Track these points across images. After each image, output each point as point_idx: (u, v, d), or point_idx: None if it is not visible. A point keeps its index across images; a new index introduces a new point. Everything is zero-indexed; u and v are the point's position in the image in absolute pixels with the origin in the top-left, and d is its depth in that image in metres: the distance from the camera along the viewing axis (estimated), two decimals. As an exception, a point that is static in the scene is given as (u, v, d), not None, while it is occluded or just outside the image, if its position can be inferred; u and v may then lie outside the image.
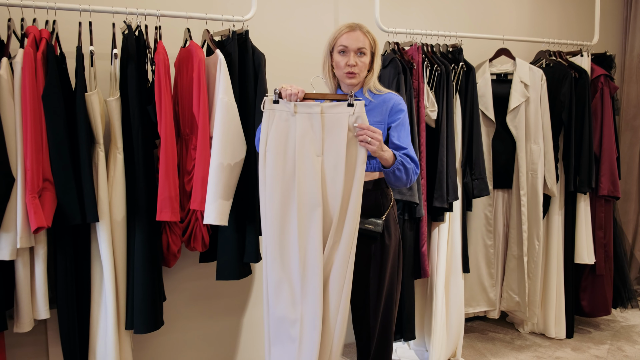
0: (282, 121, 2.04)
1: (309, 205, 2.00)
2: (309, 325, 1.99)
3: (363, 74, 2.19)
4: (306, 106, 2.01)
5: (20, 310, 2.30)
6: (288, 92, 2.02)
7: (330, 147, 1.99)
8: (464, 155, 3.13)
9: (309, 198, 1.99)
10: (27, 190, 2.15)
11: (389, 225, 2.21)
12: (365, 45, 2.15)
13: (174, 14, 2.58)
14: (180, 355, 3.06)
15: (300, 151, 2.00)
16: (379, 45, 2.22)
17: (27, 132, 2.16)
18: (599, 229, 3.56)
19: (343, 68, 2.15)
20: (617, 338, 3.58)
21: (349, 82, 2.18)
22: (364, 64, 2.17)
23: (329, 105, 2.00)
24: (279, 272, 2.05)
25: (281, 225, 2.04)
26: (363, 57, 2.16)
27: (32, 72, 2.17)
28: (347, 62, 2.13)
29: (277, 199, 2.03)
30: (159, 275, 2.54)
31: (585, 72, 3.42)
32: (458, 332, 3.21)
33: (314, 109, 2.00)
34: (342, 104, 1.99)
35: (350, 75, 2.15)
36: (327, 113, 2.00)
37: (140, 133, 2.39)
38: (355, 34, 2.15)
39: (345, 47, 2.14)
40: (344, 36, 2.16)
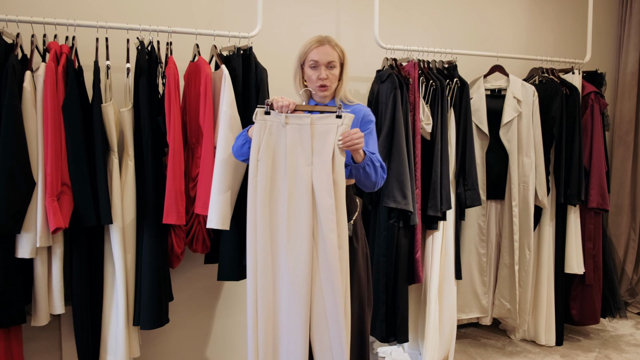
0: (274, 132, 2.15)
1: (298, 213, 2.09)
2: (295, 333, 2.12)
3: (334, 86, 2.33)
4: (297, 117, 2.13)
5: (37, 305, 2.47)
6: (279, 104, 2.14)
7: (319, 157, 2.08)
8: (457, 167, 3.28)
9: (299, 206, 2.09)
10: (46, 194, 2.33)
11: (356, 229, 2.34)
12: (335, 59, 2.29)
13: (184, 30, 2.76)
14: (185, 352, 3.22)
15: (290, 161, 2.11)
16: (347, 57, 2.35)
17: (47, 140, 2.34)
18: (588, 240, 3.69)
19: (315, 82, 2.29)
20: (606, 346, 3.71)
21: (321, 94, 2.31)
22: (335, 76, 2.30)
23: (318, 117, 2.12)
24: (268, 281, 2.14)
25: (270, 232, 2.13)
26: (333, 69, 2.29)
27: (53, 85, 2.36)
28: (318, 75, 2.26)
29: (267, 207, 2.13)
30: (166, 274, 2.71)
31: (576, 89, 3.58)
32: (450, 336, 3.35)
33: (304, 120, 2.11)
34: (331, 115, 2.10)
35: (322, 88, 2.29)
36: (316, 124, 2.11)
37: (150, 142, 2.56)
38: (324, 49, 2.27)
39: (315, 61, 2.27)
40: (314, 51, 2.28)
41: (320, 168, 2.08)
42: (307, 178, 2.09)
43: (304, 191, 2.09)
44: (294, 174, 2.11)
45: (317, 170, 2.09)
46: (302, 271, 2.09)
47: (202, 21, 3.11)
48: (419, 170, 3.15)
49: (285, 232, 2.11)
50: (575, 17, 4.32)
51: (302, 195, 2.09)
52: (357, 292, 2.33)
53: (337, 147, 2.08)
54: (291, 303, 2.11)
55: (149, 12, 2.99)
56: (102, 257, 2.59)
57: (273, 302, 2.16)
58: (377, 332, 3.16)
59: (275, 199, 2.14)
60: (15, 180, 2.28)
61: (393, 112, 3.02)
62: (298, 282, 2.10)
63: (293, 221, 2.11)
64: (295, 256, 2.10)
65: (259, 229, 2.14)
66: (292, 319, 2.12)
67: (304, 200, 2.09)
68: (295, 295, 2.11)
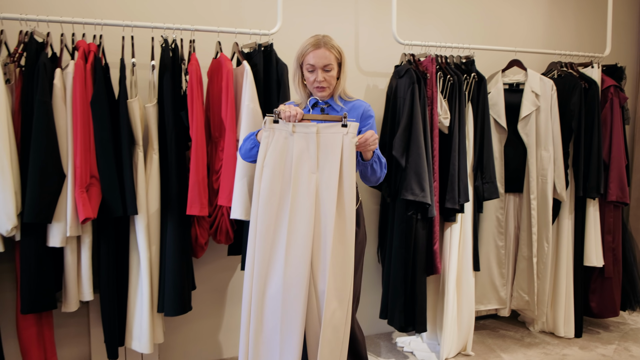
0: (281, 139, 2.20)
1: (300, 220, 2.14)
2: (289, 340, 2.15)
3: (332, 85, 2.40)
4: (303, 126, 2.19)
5: (67, 292, 2.58)
6: (287, 114, 2.19)
7: (325, 165, 2.14)
8: (475, 160, 3.32)
9: (302, 213, 2.14)
10: (76, 185, 2.44)
11: (358, 219, 2.39)
12: (331, 61, 2.34)
13: (206, 28, 2.85)
14: (207, 341, 3.32)
15: (296, 168, 2.16)
16: (344, 56, 2.41)
17: (77, 134, 2.45)
18: (607, 233, 3.70)
19: (312, 84, 2.37)
20: (625, 339, 3.71)
21: (319, 94, 2.40)
22: (332, 77, 2.37)
23: (324, 126, 2.17)
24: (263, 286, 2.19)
25: (272, 237, 2.17)
26: (330, 72, 2.36)
27: (82, 82, 2.46)
28: (315, 78, 2.34)
29: (270, 213, 2.17)
30: (189, 264, 2.80)
31: (595, 83, 3.58)
32: (469, 327, 3.39)
33: (311, 129, 2.17)
34: (336, 124, 2.16)
35: (320, 89, 2.37)
36: (322, 133, 2.17)
37: (174, 136, 2.66)
38: (320, 52, 2.32)
39: (312, 65, 2.33)
40: (310, 55, 2.33)
41: (326, 176, 2.14)
42: (312, 186, 2.14)
43: (307, 198, 2.14)
44: (297, 182, 2.16)
45: (323, 178, 2.14)
46: (299, 275, 2.12)
47: (224, 19, 3.19)
48: (437, 164, 3.20)
49: (286, 238, 2.14)
50: (595, 11, 4.30)
51: (305, 202, 2.14)
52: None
53: (344, 155, 2.13)
54: (285, 308, 2.14)
55: (173, 11, 3.08)
56: (127, 247, 2.70)
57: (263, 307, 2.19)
58: (395, 321, 3.22)
59: (278, 204, 2.18)
60: (46, 172, 2.39)
61: (411, 107, 3.07)
62: (293, 286, 2.13)
63: (294, 227, 2.15)
64: (293, 261, 2.14)
65: (258, 233, 2.18)
66: (286, 326, 2.15)
67: (307, 207, 2.14)
68: (290, 299, 2.13)
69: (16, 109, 2.48)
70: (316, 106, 2.47)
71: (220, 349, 3.36)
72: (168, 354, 3.21)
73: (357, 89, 3.59)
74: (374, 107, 3.47)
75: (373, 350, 3.50)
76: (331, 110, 2.45)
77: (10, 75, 2.48)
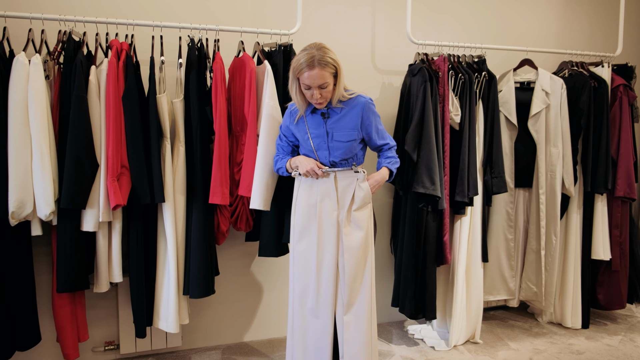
0: (308, 183, 2.62)
1: (327, 247, 2.58)
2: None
3: (329, 97, 2.50)
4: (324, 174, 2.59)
5: (99, 273, 2.79)
6: (310, 174, 2.56)
7: (343, 202, 2.57)
8: (484, 156, 3.46)
9: (328, 242, 2.58)
10: (108, 174, 2.64)
11: None
12: (326, 79, 2.41)
13: (230, 28, 3.02)
14: (230, 324, 3.51)
15: (320, 207, 2.58)
16: (340, 66, 2.47)
17: (109, 127, 2.64)
18: (615, 228, 3.81)
19: (310, 99, 2.48)
20: (632, 331, 3.82)
21: (318, 107, 2.54)
22: (328, 92, 2.47)
23: (340, 172, 2.58)
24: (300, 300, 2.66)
25: (306, 261, 2.62)
26: (326, 88, 2.44)
27: (115, 78, 2.66)
28: (312, 95, 2.45)
29: (304, 241, 2.62)
30: (212, 250, 2.99)
31: (604, 82, 3.69)
32: (477, 316, 3.53)
33: (330, 176, 2.58)
34: (349, 170, 2.59)
35: (318, 104, 2.51)
36: (339, 176, 2.59)
37: (199, 129, 2.84)
38: (314, 73, 2.38)
39: (308, 85, 2.43)
40: (305, 75, 2.41)
41: (344, 211, 2.58)
42: (334, 220, 2.58)
43: (330, 229, 2.58)
44: (322, 217, 2.59)
45: (342, 213, 2.59)
46: (327, 288, 2.59)
47: (247, 19, 3.36)
48: (448, 159, 3.34)
49: (316, 262, 2.59)
50: (608, 11, 4.39)
51: (330, 234, 2.58)
52: None
53: (356, 194, 2.57)
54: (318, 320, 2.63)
55: (199, 11, 3.27)
56: (155, 232, 2.89)
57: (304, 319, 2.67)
58: (406, 309, 3.38)
59: (309, 235, 2.62)
60: (81, 162, 2.59)
61: (423, 104, 3.22)
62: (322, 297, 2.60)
63: (322, 255, 2.60)
64: (322, 282, 2.59)
65: (296, 258, 2.66)
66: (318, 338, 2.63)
67: (332, 238, 2.58)
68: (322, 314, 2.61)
69: (55, 103, 2.68)
70: (316, 111, 2.58)
71: (241, 333, 3.54)
72: (191, 336, 3.41)
73: (373, 87, 3.74)
74: (389, 103, 3.65)
75: (385, 337, 3.66)
76: (332, 112, 2.56)
77: (49, 72, 2.68)
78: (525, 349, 3.48)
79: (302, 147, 2.66)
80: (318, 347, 2.59)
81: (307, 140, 2.60)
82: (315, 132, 2.57)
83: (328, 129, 2.55)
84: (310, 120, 2.59)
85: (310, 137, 2.58)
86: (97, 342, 3.19)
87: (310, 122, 2.58)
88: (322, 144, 2.57)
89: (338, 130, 2.54)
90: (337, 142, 2.55)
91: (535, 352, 3.43)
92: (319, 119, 2.57)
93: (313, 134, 2.57)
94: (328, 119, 2.55)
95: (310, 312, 2.61)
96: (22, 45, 2.77)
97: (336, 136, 2.54)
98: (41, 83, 2.54)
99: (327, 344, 2.57)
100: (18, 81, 2.51)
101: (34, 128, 2.53)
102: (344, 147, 2.55)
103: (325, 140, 2.56)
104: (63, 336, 2.81)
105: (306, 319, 2.62)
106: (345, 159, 2.58)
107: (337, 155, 2.56)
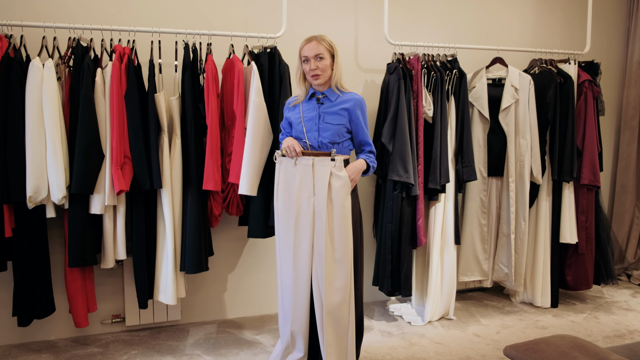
0: (288, 169, 2.76)
1: (304, 232, 2.72)
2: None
3: (326, 74, 2.75)
4: (303, 159, 2.72)
5: (105, 251, 3.15)
6: (290, 153, 2.71)
7: (319, 190, 2.68)
8: (456, 147, 3.78)
9: (304, 227, 2.72)
10: (112, 163, 3.00)
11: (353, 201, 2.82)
12: (321, 51, 2.71)
13: (221, 33, 3.37)
14: (223, 300, 3.88)
15: (298, 193, 2.73)
16: (337, 49, 2.76)
17: (113, 122, 3.00)
18: (581, 214, 4.11)
19: (308, 73, 2.77)
20: (597, 310, 4.13)
21: (315, 82, 2.77)
22: (325, 65, 2.72)
23: (317, 160, 2.68)
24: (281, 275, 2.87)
25: (285, 242, 2.80)
26: (322, 60, 2.72)
27: (118, 79, 3.02)
28: (310, 67, 2.75)
29: (284, 224, 2.79)
30: (206, 231, 3.35)
31: (570, 78, 3.99)
32: (450, 294, 3.86)
33: (308, 162, 2.70)
34: (327, 158, 2.67)
35: (315, 77, 2.74)
36: (316, 165, 2.69)
37: (193, 124, 3.19)
38: (311, 45, 2.72)
39: (306, 56, 2.75)
40: (304, 48, 2.75)
41: (320, 197, 2.68)
42: (310, 207, 2.71)
43: (307, 216, 2.72)
44: (300, 203, 2.73)
45: (317, 200, 2.69)
46: (303, 271, 2.76)
47: (239, 24, 3.71)
48: (422, 149, 3.67)
49: (293, 244, 2.76)
50: (579, 11, 4.69)
51: (306, 219, 2.72)
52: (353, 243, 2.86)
53: (332, 183, 2.66)
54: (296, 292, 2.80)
55: (194, 17, 3.62)
56: (155, 215, 3.25)
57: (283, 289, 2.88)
58: (385, 287, 3.71)
59: (289, 219, 2.77)
60: (89, 153, 2.95)
61: (397, 99, 3.55)
62: (300, 277, 2.76)
63: (299, 238, 2.75)
64: (299, 261, 2.76)
65: (280, 239, 2.83)
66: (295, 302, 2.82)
67: (307, 224, 2.72)
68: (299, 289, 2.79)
69: (65, 101, 3.05)
70: (313, 96, 2.84)
71: (234, 309, 3.91)
72: (189, 311, 3.78)
73: (357, 84, 4.08)
74: (371, 100, 3.99)
75: (368, 314, 4.00)
76: (327, 100, 2.80)
77: (61, 74, 3.05)
78: (495, 325, 3.80)
79: (294, 130, 2.84)
80: (298, 313, 2.82)
81: (299, 123, 2.80)
82: (308, 115, 2.80)
83: (320, 112, 2.76)
84: (305, 106, 2.83)
85: (302, 119, 2.79)
86: (104, 315, 3.57)
87: (305, 107, 2.82)
88: (312, 126, 2.75)
89: (329, 115, 2.75)
90: (327, 124, 2.73)
91: (504, 327, 3.75)
92: (314, 104, 2.80)
93: (306, 117, 2.79)
94: (322, 105, 2.79)
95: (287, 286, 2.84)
96: (36, 51, 3.14)
97: (327, 119, 2.74)
98: (54, 84, 2.91)
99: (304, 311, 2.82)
100: (34, 83, 2.88)
101: (47, 123, 2.90)
102: (333, 129, 2.73)
103: (317, 122, 2.75)
104: (74, 307, 3.18)
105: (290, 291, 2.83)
106: (332, 143, 2.73)
107: (325, 136, 2.72)
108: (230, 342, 3.47)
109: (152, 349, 3.34)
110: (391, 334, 3.63)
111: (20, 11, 3.25)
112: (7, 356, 3.22)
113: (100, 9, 3.41)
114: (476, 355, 3.29)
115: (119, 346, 3.38)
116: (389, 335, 3.60)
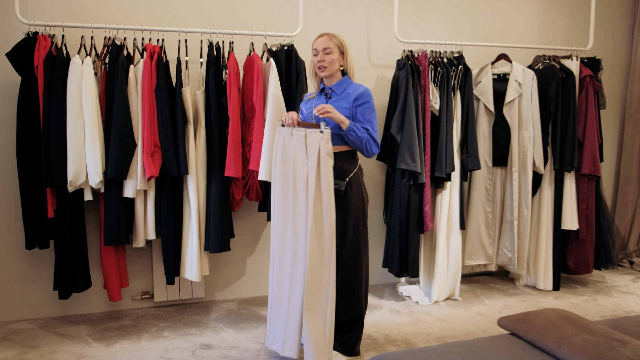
0: (286, 139, 2.90)
1: (300, 197, 2.84)
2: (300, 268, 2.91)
3: (333, 67, 2.95)
4: (298, 130, 2.89)
5: (137, 231, 3.46)
6: (288, 121, 2.91)
7: (311, 159, 2.78)
8: (461, 138, 4.02)
9: (300, 192, 2.84)
10: (144, 152, 3.31)
11: (351, 184, 2.97)
12: (330, 45, 2.93)
13: (242, 32, 3.66)
14: (244, 280, 4.17)
15: (294, 161, 2.86)
16: (347, 47, 2.99)
17: (144, 114, 3.31)
18: (582, 202, 4.33)
19: (316, 65, 2.99)
20: (597, 293, 4.35)
21: (322, 74, 2.99)
22: (332, 59, 2.94)
23: (310, 131, 2.81)
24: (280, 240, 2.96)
25: (284, 208, 2.91)
26: (330, 54, 2.93)
27: (149, 75, 3.32)
28: (318, 59, 2.98)
29: (280, 193, 2.91)
30: (228, 214, 3.64)
31: (571, 73, 4.21)
32: (456, 276, 4.11)
33: (301, 133, 2.83)
34: (317, 130, 2.79)
35: (321, 68, 2.95)
36: (308, 136, 2.81)
37: (216, 116, 3.48)
38: (322, 39, 2.97)
39: (316, 49, 2.99)
40: (315, 42, 2.99)
41: (312, 166, 2.79)
42: (304, 174, 2.82)
43: (302, 183, 2.84)
44: (295, 171, 2.86)
45: (310, 168, 2.80)
46: (302, 231, 2.86)
47: (257, 24, 3.99)
48: (429, 140, 3.92)
49: (292, 209, 2.88)
50: (587, 9, 4.88)
51: (301, 185, 2.84)
52: (353, 234, 3.00)
53: (321, 152, 2.74)
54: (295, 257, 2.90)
55: (216, 18, 3.91)
56: (182, 199, 3.55)
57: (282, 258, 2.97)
58: (393, 269, 3.98)
59: (286, 185, 2.90)
60: (123, 142, 3.26)
61: (405, 94, 3.80)
62: (299, 240, 2.86)
63: (296, 203, 2.86)
64: (297, 223, 2.87)
65: (276, 204, 2.95)
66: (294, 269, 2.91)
67: (302, 189, 2.84)
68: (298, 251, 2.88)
69: (101, 95, 3.36)
70: (322, 91, 3.09)
71: (254, 288, 4.21)
72: (212, 290, 4.08)
73: (369, 78, 4.34)
74: (382, 94, 4.25)
75: (378, 294, 4.27)
76: (334, 94, 3.03)
77: (97, 70, 3.36)
78: (498, 305, 4.05)
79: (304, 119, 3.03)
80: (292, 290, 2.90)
81: (309, 115, 3.03)
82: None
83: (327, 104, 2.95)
84: (317, 100, 3.06)
85: (313, 111, 2.94)
86: (135, 292, 3.89)
87: (316, 102, 3.05)
88: (319, 118, 2.89)
89: (335, 107, 2.94)
90: None
91: (506, 307, 3.99)
92: (323, 99, 3.04)
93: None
94: (330, 99, 3.03)
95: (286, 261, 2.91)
96: (76, 49, 3.46)
97: None
98: (92, 79, 3.22)
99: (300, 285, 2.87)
100: (74, 78, 3.20)
101: (86, 115, 3.21)
102: None
103: None
104: (109, 282, 3.51)
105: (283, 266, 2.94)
106: (337, 134, 2.88)
107: (330, 127, 2.84)
108: (250, 318, 3.77)
109: (179, 322, 3.65)
110: (399, 312, 3.89)
111: (61, 13, 3.57)
112: (48, 327, 3.56)
113: (132, 11, 3.72)
114: (478, 331, 3.54)
115: (148, 319, 3.70)
116: (397, 313, 3.86)
